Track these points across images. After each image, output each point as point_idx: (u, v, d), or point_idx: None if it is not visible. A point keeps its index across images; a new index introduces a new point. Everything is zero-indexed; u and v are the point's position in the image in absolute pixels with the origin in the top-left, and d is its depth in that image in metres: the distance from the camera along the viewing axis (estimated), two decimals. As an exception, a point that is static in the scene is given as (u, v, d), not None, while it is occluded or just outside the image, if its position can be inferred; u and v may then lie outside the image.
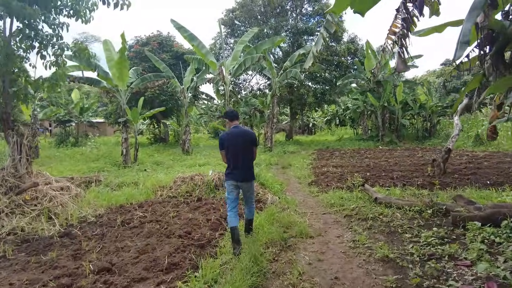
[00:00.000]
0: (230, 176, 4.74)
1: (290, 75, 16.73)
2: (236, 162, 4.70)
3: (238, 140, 4.73)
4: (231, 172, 4.73)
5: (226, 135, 4.84)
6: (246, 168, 4.75)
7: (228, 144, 4.74)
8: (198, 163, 13.16)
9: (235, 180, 4.71)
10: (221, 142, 4.83)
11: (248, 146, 4.79)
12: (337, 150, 18.10)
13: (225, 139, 4.79)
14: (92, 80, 13.97)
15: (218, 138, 5.01)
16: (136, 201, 7.44)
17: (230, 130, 4.87)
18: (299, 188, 9.07)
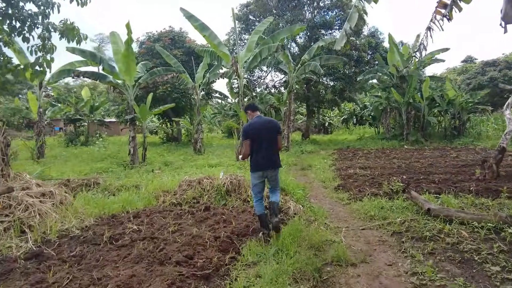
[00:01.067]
0: (256, 166, 4.67)
1: (308, 68, 15.31)
2: (262, 150, 4.64)
3: (263, 129, 4.70)
4: (257, 161, 4.65)
5: (250, 125, 4.77)
6: (272, 156, 4.70)
7: (253, 134, 4.66)
8: (210, 164, 11.91)
9: (261, 170, 4.65)
10: (245, 132, 4.73)
11: (273, 134, 4.74)
12: (359, 150, 16.58)
13: (249, 128, 4.72)
14: (98, 75, 12.87)
15: (242, 128, 5.05)
16: (133, 208, 6.21)
17: (254, 120, 4.82)
18: (324, 193, 7.68)
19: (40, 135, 14.33)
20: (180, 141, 23.82)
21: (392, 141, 19.32)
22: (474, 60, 52.07)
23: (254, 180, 4.70)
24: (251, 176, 4.74)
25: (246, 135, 4.67)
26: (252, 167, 4.69)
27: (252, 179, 4.73)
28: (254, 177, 4.68)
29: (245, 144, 4.68)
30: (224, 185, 6.36)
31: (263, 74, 23.87)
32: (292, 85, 16.19)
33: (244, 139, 4.72)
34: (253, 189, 4.75)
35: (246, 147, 4.68)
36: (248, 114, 5.01)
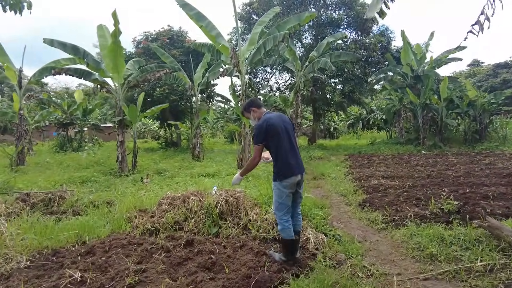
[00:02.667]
0: (288, 170, 3.53)
1: (317, 66, 13.55)
2: (290, 150, 3.62)
3: (282, 123, 3.66)
4: (289, 164, 3.55)
5: (265, 121, 3.63)
6: (300, 156, 3.74)
7: (272, 132, 3.56)
8: (207, 172, 10.13)
9: (296, 174, 3.55)
10: (260, 131, 3.57)
11: (293, 131, 3.78)
12: (374, 156, 14.73)
13: (267, 125, 3.56)
14: (82, 72, 11.18)
15: (255, 128, 3.70)
16: (94, 236, 4.45)
17: (267, 116, 3.74)
18: (348, 212, 5.88)
19: (20, 140, 12.64)
20: (180, 146, 22.08)
21: (407, 146, 17.45)
22: (481, 63, 50.29)
23: (283, 193, 3.52)
24: (278, 188, 3.53)
25: (262, 136, 3.53)
26: (282, 174, 3.51)
27: (279, 192, 3.53)
28: (284, 187, 3.50)
29: (257, 150, 3.57)
30: (217, 205, 4.57)
31: (267, 75, 22.16)
32: (299, 85, 14.42)
33: (258, 142, 3.55)
34: (280, 207, 3.54)
35: (258, 153, 3.59)
36: (252, 112, 3.82)
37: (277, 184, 3.52)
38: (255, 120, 3.76)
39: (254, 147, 3.55)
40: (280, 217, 3.52)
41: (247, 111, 3.82)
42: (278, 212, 3.55)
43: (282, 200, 3.52)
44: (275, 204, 3.59)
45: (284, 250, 3.59)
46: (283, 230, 3.52)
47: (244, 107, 3.87)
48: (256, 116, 3.75)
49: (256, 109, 3.77)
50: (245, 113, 3.85)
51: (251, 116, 3.79)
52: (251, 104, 3.82)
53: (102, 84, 11.36)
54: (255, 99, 3.96)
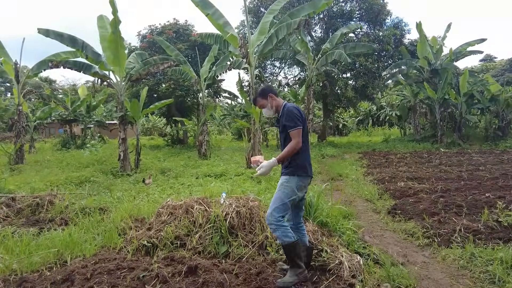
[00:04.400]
0: (306, 168, 3.05)
1: (331, 58, 12.60)
2: (308, 148, 3.19)
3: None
4: (308, 163, 3.10)
5: (296, 108, 3.12)
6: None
7: (303, 122, 3.07)
8: (214, 172, 9.29)
9: (311, 175, 3.13)
10: (296, 116, 3.02)
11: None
12: (390, 154, 13.78)
13: (300, 112, 3.09)
14: (82, 65, 10.39)
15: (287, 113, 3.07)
16: (78, 254, 3.63)
17: (292, 104, 3.18)
18: (379, 222, 5.00)
19: (19, 137, 11.92)
20: (186, 143, 21.30)
21: (423, 143, 16.46)
22: (494, 58, 48.62)
23: (293, 193, 2.97)
24: (289, 185, 2.98)
25: (299, 120, 3.03)
26: (300, 169, 3.02)
27: (289, 190, 2.97)
28: (298, 186, 3.00)
29: (298, 133, 3.00)
30: (227, 218, 3.71)
31: (276, 70, 21.21)
32: (311, 79, 13.47)
33: (298, 125, 3.00)
34: (281, 208, 2.93)
35: (300, 137, 3.00)
36: (270, 99, 3.24)
37: (291, 180, 2.98)
38: (271, 109, 3.23)
39: (293, 132, 2.98)
40: (277, 219, 2.89)
41: (264, 97, 3.22)
42: (275, 213, 2.90)
43: (289, 200, 2.95)
44: (275, 203, 2.94)
45: (292, 261, 2.92)
46: (283, 232, 2.87)
47: (261, 93, 3.25)
48: (274, 104, 3.21)
49: (275, 97, 3.22)
50: (261, 100, 3.24)
51: (268, 103, 3.22)
52: (270, 90, 3.26)
53: (103, 77, 10.55)
54: (272, 86, 3.46)
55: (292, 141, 2.96)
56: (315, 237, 3.43)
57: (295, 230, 3.10)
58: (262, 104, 3.24)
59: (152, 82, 18.27)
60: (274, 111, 3.23)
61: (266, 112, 3.27)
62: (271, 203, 2.99)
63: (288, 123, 2.98)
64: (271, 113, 3.25)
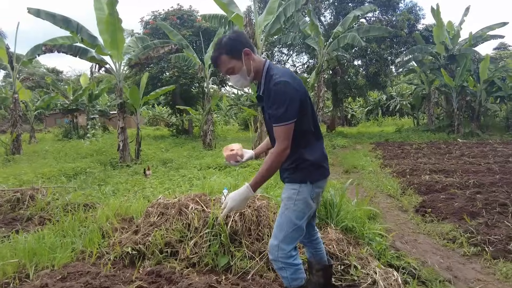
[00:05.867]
0: (323, 167, 1.97)
1: (344, 41, 11.69)
2: (321, 136, 2.04)
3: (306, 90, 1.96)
4: (325, 159, 2.01)
5: (293, 78, 1.89)
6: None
7: (307, 101, 1.91)
8: (218, 163, 8.57)
9: (327, 176, 2.03)
10: (293, 96, 1.81)
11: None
12: (405, 144, 12.92)
13: (300, 87, 1.89)
14: (77, 49, 9.65)
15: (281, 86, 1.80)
16: (46, 265, 2.94)
17: (282, 70, 1.93)
18: (408, 223, 4.23)
19: (15, 127, 11.31)
20: (191, 134, 20.60)
21: (439, 133, 15.49)
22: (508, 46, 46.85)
23: (308, 207, 1.94)
24: (301, 198, 1.91)
25: (296, 105, 1.83)
26: (316, 170, 1.95)
27: (301, 205, 1.91)
28: (314, 193, 1.95)
29: (286, 133, 1.81)
30: (228, 222, 2.97)
31: (283, 57, 20.25)
32: (322, 65, 12.57)
33: (291, 116, 1.81)
34: (293, 235, 1.92)
35: (287, 141, 1.82)
36: (245, 59, 1.90)
37: (303, 189, 1.90)
38: (248, 76, 1.93)
39: (279, 128, 1.80)
40: (288, 254, 1.90)
41: (235, 55, 1.87)
42: (285, 246, 1.89)
43: (303, 221, 1.93)
44: (283, 230, 1.91)
45: None
46: (293, 274, 1.92)
47: (230, 47, 1.87)
48: (252, 66, 1.90)
49: (252, 55, 1.91)
50: (228, 61, 1.88)
51: (243, 65, 1.89)
52: (245, 42, 1.89)
53: (100, 63, 9.83)
54: (247, 36, 2.07)
55: (276, 147, 1.82)
56: (341, 248, 2.68)
57: (308, 244, 2.25)
58: (231, 69, 1.89)
59: (155, 70, 17.54)
60: (252, 78, 1.95)
61: (237, 82, 1.97)
62: (275, 229, 1.96)
63: (273, 111, 1.81)
64: (246, 83, 1.97)
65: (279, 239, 1.90)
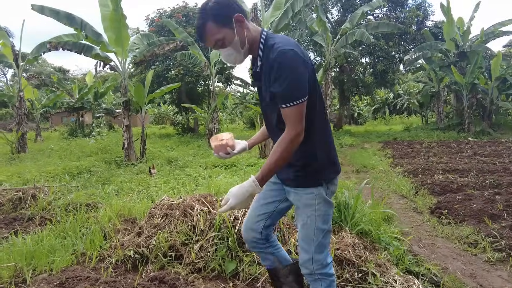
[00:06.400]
0: (335, 164, 1.75)
1: (352, 38, 11.45)
2: (329, 127, 1.77)
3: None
4: (335, 152, 1.78)
5: (301, 51, 1.51)
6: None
7: (316, 79, 1.60)
8: (224, 162, 8.40)
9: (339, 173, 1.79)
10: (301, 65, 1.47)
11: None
12: (414, 143, 12.64)
13: (309, 61, 1.56)
14: (82, 46, 9.54)
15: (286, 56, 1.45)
16: (44, 269, 2.79)
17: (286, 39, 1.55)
18: (424, 225, 4.02)
19: (20, 125, 11.25)
20: (197, 132, 20.49)
21: (448, 132, 15.16)
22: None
23: (329, 205, 1.72)
24: (322, 201, 1.67)
25: (305, 80, 1.50)
26: (328, 168, 1.71)
27: (324, 209, 1.68)
28: (331, 191, 1.73)
29: (299, 114, 1.49)
30: (236, 224, 2.80)
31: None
32: (329, 62, 12.33)
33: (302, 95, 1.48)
34: (324, 242, 1.71)
35: (300, 124, 1.50)
36: (237, 27, 1.54)
37: (319, 193, 1.65)
38: (241, 49, 1.59)
39: (290, 110, 1.49)
40: (324, 264, 1.71)
41: (225, 23, 1.53)
42: (319, 255, 1.69)
43: (329, 224, 1.72)
44: (312, 241, 1.68)
45: None
46: (330, 286, 1.74)
47: (218, 13, 1.52)
48: (247, 36, 1.57)
49: (245, 21, 1.57)
50: (217, 30, 1.53)
51: (235, 35, 1.55)
52: (235, 8, 1.54)
53: (105, 60, 9.70)
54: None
55: (286, 132, 1.51)
56: (357, 254, 2.48)
57: (265, 245, 1.91)
58: (221, 40, 1.55)
59: (161, 68, 17.44)
60: (246, 53, 1.63)
61: (230, 56, 1.62)
62: (301, 243, 1.73)
63: (278, 88, 1.49)
64: (240, 57, 1.62)
65: (311, 252, 1.69)
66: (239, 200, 1.55)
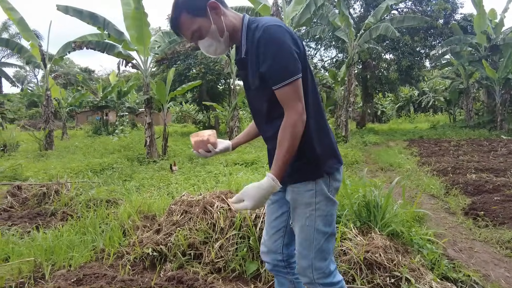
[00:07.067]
0: (335, 152, 1.55)
1: (376, 33, 11.06)
2: (325, 114, 1.58)
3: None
4: (335, 142, 1.57)
5: (289, 32, 1.37)
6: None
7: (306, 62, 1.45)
8: (245, 159, 8.30)
9: (341, 166, 1.57)
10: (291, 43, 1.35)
11: None
12: (442, 142, 12.12)
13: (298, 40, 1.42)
14: (105, 45, 9.68)
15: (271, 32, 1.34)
16: (63, 264, 2.75)
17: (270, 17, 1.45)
18: (458, 227, 3.75)
19: (48, 123, 11.57)
20: (217, 130, 20.52)
21: (478, 130, 14.44)
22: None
23: (333, 203, 1.51)
24: (325, 191, 1.47)
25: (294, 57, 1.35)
26: (330, 157, 1.52)
27: (325, 207, 1.49)
28: (334, 187, 1.53)
29: (298, 90, 1.36)
30: (257, 223, 2.65)
31: (311, 51, 19.65)
32: (352, 58, 11.97)
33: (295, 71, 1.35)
34: (328, 243, 1.52)
35: (301, 100, 1.37)
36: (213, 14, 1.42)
37: (320, 187, 1.47)
38: (221, 37, 1.46)
39: (286, 89, 1.35)
40: (326, 271, 1.51)
41: (199, 13, 1.42)
42: (321, 263, 1.50)
43: (332, 227, 1.53)
44: (313, 244, 1.49)
45: None
46: None
47: (190, 4, 1.42)
48: (225, 23, 1.45)
49: (224, 9, 1.47)
50: (193, 21, 1.42)
51: (211, 23, 1.42)
52: None
53: (127, 58, 9.80)
54: None
55: (287, 116, 1.38)
56: (389, 257, 2.28)
57: (285, 269, 1.69)
58: (197, 31, 1.44)
59: (182, 66, 17.56)
60: (227, 42, 1.49)
61: (210, 47, 1.49)
62: (299, 248, 1.53)
63: (268, 68, 1.36)
64: (221, 47, 1.49)
65: (311, 258, 1.50)
66: (256, 203, 1.36)
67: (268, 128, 1.54)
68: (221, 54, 1.55)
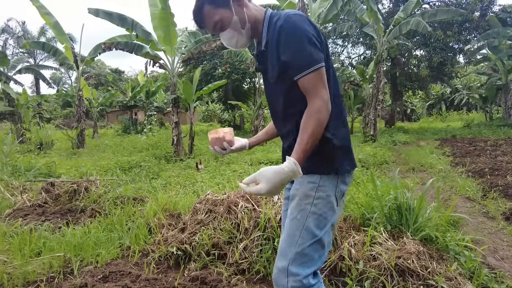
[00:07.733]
0: (350, 153, 1.46)
1: (406, 28, 10.62)
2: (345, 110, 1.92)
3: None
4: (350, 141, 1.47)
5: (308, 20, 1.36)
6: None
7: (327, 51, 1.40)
8: (269, 158, 8.29)
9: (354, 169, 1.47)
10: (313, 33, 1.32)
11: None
12: (477, 141, 11.49)
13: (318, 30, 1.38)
14: (133, 46, 9.90)
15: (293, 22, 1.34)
16: (90, 261, 2.79)
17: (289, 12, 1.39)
18: (498, 233, 3.50)
19: (79, 122, 12.02)
20: (242, 129, 20.58)
21: (518, 128, 13.60)
22: None
23: (332, 209, 1.39)
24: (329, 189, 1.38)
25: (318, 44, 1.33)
26: (343, 156, 1.42)
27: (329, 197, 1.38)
28: (340, 191, 1.42)
29: (322, 78, 1.31)
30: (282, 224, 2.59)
31: (338, 48, 19.27)
32: (381, 54, 11.58)
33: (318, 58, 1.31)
34: (314, 249, 1.35)
35: (326, 89, 1.32)
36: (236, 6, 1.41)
37: (326, 182, 1.38)
38: (243, 29, 1.43)
39: (309, 77, 1.29)
40: (304, 283, 1.31)
41: (221, 4, 1.41)
42: (299, 269, 1.32)
43: (324, 231, 1.37)
44: (297, 241, 1.34)
45: None
46: None
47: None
48: (247, 15, 1.42)
49: (245, 1, 1.45)
50: (215, 12, 1.41)
51: (233, 14, 1.41)
52: None
53: (155, 58, 9.98)
54: None
55: (312, 103, 1.30)
56: (422, 264, 2.14)
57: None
58: (219, 22, 1.43)
59: (208, 66, 17.73)
60: (249, 34, 1.46)
61: (232, 39, 1.47)
62: (282, 244, 1.40)
63: (290, 58, 1.32)
64: (243, 39, 1.46)
65: (289, 259, 1.33)
66: (273, 188, 1.23)
67: (284, 125, 1.49)
68: (242, 47, 1.52)
